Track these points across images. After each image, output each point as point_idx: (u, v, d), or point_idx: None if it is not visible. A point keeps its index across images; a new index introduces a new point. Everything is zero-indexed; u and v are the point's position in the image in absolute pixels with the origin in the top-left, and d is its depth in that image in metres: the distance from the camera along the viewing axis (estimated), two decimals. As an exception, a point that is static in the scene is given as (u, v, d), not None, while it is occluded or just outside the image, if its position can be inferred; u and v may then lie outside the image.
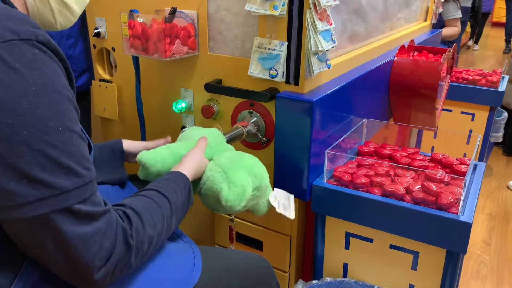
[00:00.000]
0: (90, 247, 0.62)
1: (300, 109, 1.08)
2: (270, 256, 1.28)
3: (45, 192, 0.58)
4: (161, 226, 0.77)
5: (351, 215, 1.12)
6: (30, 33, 0.58)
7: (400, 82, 1.63)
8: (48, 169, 0.58)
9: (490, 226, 2.38)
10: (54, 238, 0.60)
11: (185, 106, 1.28)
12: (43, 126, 0.57)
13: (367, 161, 1.22)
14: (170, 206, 0.80)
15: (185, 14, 1.19)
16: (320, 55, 1.09)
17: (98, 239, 0.63)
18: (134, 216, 0.71)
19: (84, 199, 0.62)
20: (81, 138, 0.63)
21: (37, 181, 0.57)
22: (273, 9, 1.02)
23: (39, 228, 0.59)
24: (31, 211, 0.58)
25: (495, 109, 2.25)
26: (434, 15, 2.40)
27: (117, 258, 0.66)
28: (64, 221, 0.60)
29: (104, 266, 0.65)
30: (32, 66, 0.57)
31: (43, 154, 0.57)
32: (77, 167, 0.61)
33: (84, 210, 0.62)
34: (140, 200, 0.77)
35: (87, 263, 0.63)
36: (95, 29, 1.42)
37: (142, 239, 0.71)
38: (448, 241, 1.01)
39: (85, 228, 0.62)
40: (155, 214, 0.76)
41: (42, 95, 0.57)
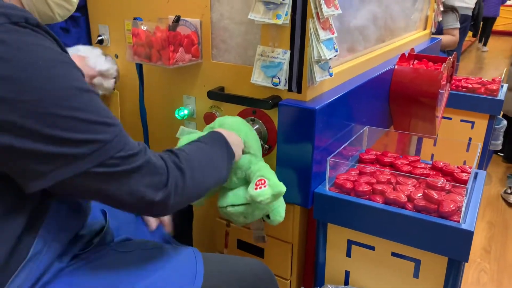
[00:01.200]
0: (143, 175, 0.69)
1: (302, 117, 1.09)
2: (271, 263, 1.28)
3: (91, 148, 0.63)
4: (207, 160, 0.84)
5: (353, 223, 1.12)
6: (20, 16, 0.62)
7: (400, 90, 1.64)
8: (85, 130, 0.63)
9: (490, 234, 2.38)
10: (111, 181, 0.67)
11: (187, 113, 1.29)
12: (64, 94, 0.62)
13: (368, 169, 1.22)
14: (210, 148, 0.88)
15: (188, 22, 1.20)
16: (323, 63, 1.10)
17: (149, 167, 0.70)
18: (179, 151, 0.80)
19: (124, 145, 0.67)
20: (95, 93, 0.68)
21: (80, 141, 0.62)
22: (276, 18, 1.03)
23: (95, 178, 0.65)
24: (83, 166, 0.63)
25: (494, 117, 2.26)
26: (433, 24, 2.42)
27: (174, 179, 0.73)
28: (114, 166, 0.66)
29: (165, 187, 0.72)
30: (33, 43, 0.61)
31: (73, 119, 0.62)
32: (107, 119, 0.66)
33: (127, 154, 0.67)
34: (181, 145, 0.85)
35: (147, 187, 0.70)
36: (98, 36, 1.43)
37: (192, 164, 0.78)
38: (449, 249, 1.01)
39: (135, 163, 0.68)
40: (198, 151, 0.84)
41: (51, 67, 0.61)
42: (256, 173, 1.03)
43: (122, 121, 1.48)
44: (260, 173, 1.02)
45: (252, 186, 1.00)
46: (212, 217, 1.39)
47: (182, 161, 0.77)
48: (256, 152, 1.09)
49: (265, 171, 1.03)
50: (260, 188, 0.99)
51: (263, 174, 1.01)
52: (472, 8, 4.01)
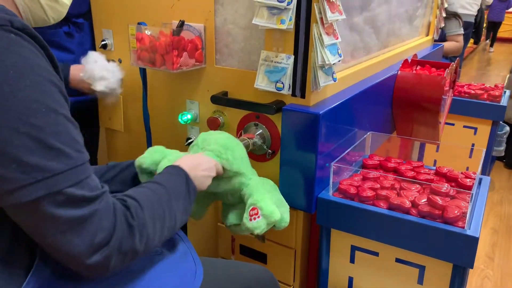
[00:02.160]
0: (86, 228, 0.61)
1: (306, 122, 1.08)
2: (274, 269, 1.27)
3: (36, 176, 0.57)
4: (162, 210, 0.75)
5: (356, 228, 1.11)
6: (4, 20, 0.59)
7: (403, 96, 1.64)
8: (37, 152, 0.57)
9: (493, 241, 2.37)
10: (50, 222, 0.59)
11: (191, 118, 1.29)
12: (26, 108, 0.57)
13: (372, 174, 1.22)
14: (166, 191, 0.78)
15: (192, 27, 1.20)
16: (326, 68, 1.10)
17: (95, 220, 0.62)
18: (131, 200, 0.71)
19: (78, 182, 0.61)
20: (69, 121, 0.62)
21: (27, 165, 0.56)
22: (281, 23, 1.03)
23: (33, 213, 0.59)
24: (24, 196, 0.57)
25: (497, 123, 2.26)
26: (436, 30, 2.43)
27: (119, 239, 0.65)
28: (59, 205, 0.59)
29: (105, 248, 0.63)
30: (8, 50, 0.57)
31: (30, 137, 0.57)
32: (67, 148, 0.60)
33: (79, 194, 0.60)
34: (135, 189, 0.76)
35: (86, 244, 0.62)
36: (102, 40, 1.43)
37: (143, 220, 0.69)
38: (454, 255, 1.00)
39: (82, 211, 0.61)
40: (152, 198, 0.75)
41: (22, 77, 0.57)
42: (249, 198, 0.99)
43: (125, 126, 1.49)
44: (252, 200, 0.98)
45: (247, 217, 0.98)
46: (214, 222, 1.38)
47: (134, 217, 0.68)
48: (245, 169, 1.03)
49: (256, 196, 0.99)
50: (255, 219, 0.96)
51: (255, 202, 0.98)
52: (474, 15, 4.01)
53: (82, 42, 1.46)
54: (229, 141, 1.02)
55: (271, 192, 1.08)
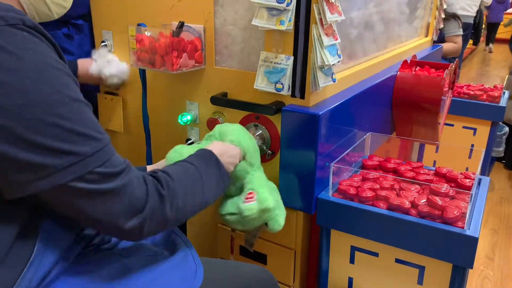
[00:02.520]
0: (121, 197, 0.67)
1: (305, 122, 1.09)
2: (274, 270, 1.27)
3: (69, 160, 0.62)
4: (192, 185, 0.80)
5: (356, 229, 1.12)
6: (17, 19, 0.61)
7: (402, 96, 1.64)
8: (67, 139, 0.62)
9: (493, 241, 2.37)
10: (86, 197, 0.65)
11: (190, 119, 1.29)
12: (50, 101, 0.61)
13: (372, 175, 1.22)
14: (197, 169, 0.84)
15: (192, 28, 1.21)
16: (326, 69, 1.10)
17: (127, 189, 0.68)
18: (162, 173, 0.77)
19: (105, 161, 0.66)
20: (87, 105, 0.67)
21: (60, 151, 0.61)
22: (280, 24, 1.04)
23: (70, 192, 0.64)
24: (60, 178, 0.62)
25: (496, 124, 2.26)
26: (435, 31, 2.43)
27: (151, 207, 0.70)
28: (91, 182, 0.64)
29: (140, 214, 0.69)
30: (26, 47, 0.60)
31: (58, 126, 0.61)
32: (93, 132, 0.65)
33: (108, 171, 0.66)
34: (167, 166, 0.82)
35: (124, 211, 0.67)
36: (101, 42, 1.43)
37: (173, 191, 0.75)
38: (454, 255, 1.00)
39: (113, 183, 0.66)
40: (183, 174, 0.80)
41: (42, 72, 0.61)
42: (248, 185, 1.02)
43: (124, 126, 1.49)
44: (251, 185, 1.01)
45: (242, 198, 1.00)
46: (214, 223, 1.39)
47: (164, 187, 0.74)
48: (254, 161, 1.07)
49: (256, 184, 1.01)
50: (249, 202, 0.98)
51: (254, 187, 1.00)
52: (473, 16, 4.02)
53: (81, 44, 1.46)
54: (243, 133, 1.08)
55: (272, 191, 1.08)
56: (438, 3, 2.36)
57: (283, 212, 1.09)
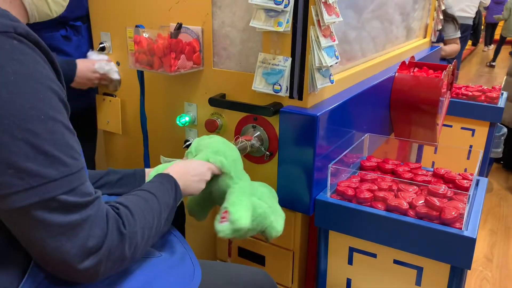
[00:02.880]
0: (78, 234, 0.62)
1: (303, 124, 1.09)
2: (272, 271, 1.27)
3: (31, 182, 0.58)
4: (152, 219, 0.76)
5: (354, 230, 1.12)
6: (8, 26, 0.59)
7: (401, 97, 1.65)
8: (33, 158, 0.57)
9: (492, 242, 2.37)
10: (42, 228, 0.60)
11: (188, 120, 1.29)
12: (24, 114, 0.57)
13: (370, 176, 1.22)
14: (157, 200, 0.80)
15: (190, 30, 1.21)
16: (324, 70, 1.10)
17: (87, 226, 0.63)
18: (123, 209, 0.72)
19: (72, 189, 0.61)
20: (67, 129, 0.63)
21: (22, 170, 0.57)
22: (278, 26, 1.04)
23: (26, 218, 0.59)
24: (17, 201, 0.58)
25: (495, 125, 2.27)
26: (433, 33, 2.44)
27: (109, 246, 0.65)
28: (51, 210, 0.59)
29: (96, 254, 0.64)
30: (10, 57, 0.58)
31: (26, 143, 0.57)
32: (63, 156, 0.60)
33: (72, 201, 0.61)
34: (128, 197, 0.77)
35: (77, 249, 0.62)
36: (100, 43, 1.43)
37: (134, 228, 0.71)
38: (452, 256, 1.01)
39: (73, 216, 0.61)
40: (143, 207, 0.76)
41: (21, 84, 0.58)
42: (225, 201, 0.99)
43: (123, 128, 1.49)
44: (226, 203, 0.98)
45: (218, 218, 0.97)
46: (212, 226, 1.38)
47: (126, 226, 0.69)
48: (234, 173, 1.02)
49: (232, 200, 0.97)
50: (222, 222, 0.95)
51: (227, 206, 0.97)
52: (472, 17, 4.03)
53: (79, 45, 1.46)
54: (220, 145, 1.03)
55: (262, 199, 1.03)
56: (436, 5, 2.36)
57: (280, 217, 1.06)
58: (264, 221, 1.01)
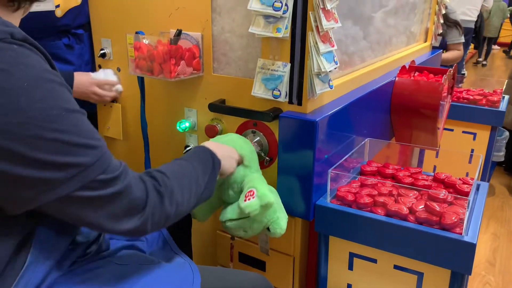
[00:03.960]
0: (123, 199, 0.69)
1: (303, 129, 1.09)
2: (273, 277, 1.27)
3: (72, 172, 0.63)
4: (188, 182, 0.83)
5: (354, 235, 1.11)
6: (5, 32, 0.61)
7: (401, 102, 1.65)
8: (68, 152, 0.62)
9: (494, 246, 2.36)
10: (90, 204, 0.66)
11: (189, 126, 1.30)
12: (47, 116, 0.61)
13: (370, 181, 1.22)
14: (192, 166, 0.86)
15: (190, 36, 1.21)
16: (323, 76, 1.10)
17: (128, 191, 0.70)
18: (157, 173, 0.78)
19: (105, 168, 0.67)
20: (82, 114, 0.67)
21: (62, 165, 0.62)
22: (277, 32, 1.04)
23: (74, 201, 0.65)
24: (64, 190, 0.63)
25: (496, 129, 2.26)
26: (434, 37, 2.44)
27: (152, 205, 0.73)
28: (94, 189, 0.66)
29: (142, 212, 0.71)
30: (16, 62, 0.60)
31: (57, 141, 0.61)
32: (91, 141, 0.66)
33: (109, 177, 0.67)
34: (162, 165, 0.84)
35: (125, 213, 0.70)
36: (100, 50, 1.44)
37: (171, 188, 0.77)
38: (452, 261, 1.00)
39: (114, 188, 0.68)
40: (178, 171, 0.82)
41: (35, 88, 0.60)
42: (247, 184, 1.02)
43: (123, 133, 1.49)
44: (251, 184, 1.01)
45: (242, 197, 1.00)
46: (213, 230, 1.38)
47: (162, 185, 0.76)
48: (251, 164, 1.08)
49: (256, 182, 1.02)
50: (249, 199, 0.98)
51: (253, 185, 1.00)
52: (474, 21, 4.03)
53: (82, 54, 1.47)
54: (238, 137, 1.11)
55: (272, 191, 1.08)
56: (437, 9, 2.36)
57: (284, 216, 1.08)
58: (274, 214, 1.04)
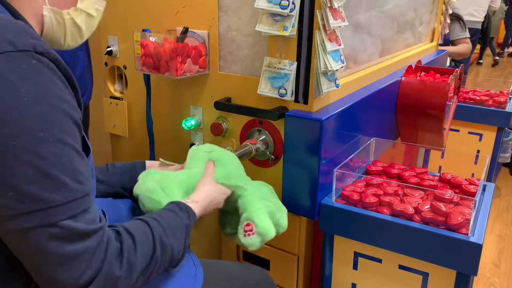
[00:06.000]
0: (77, 265, 0.60)
1: (309, 128, 1.09)
2: (277, 275, 1.27)
3: (31, 206, 0.56)
4: (153, 246, 0.71)
5: (359, 235, 1.11)
6: (28, 44, 0.58)
7: (407, 102, 1.64)
8: (36, 181, 0.56)
9: (499, 248, 2.35)
10: (40, 253, 0.58)
11: (194, 124, 1.30)
12: (32, 136, 0.55)
13: (375, 180, 1.22)
14: (163, 228, 0.75)
15: (196, 34, 1.22)
16: (329, 74, 1.10)
17: (87, 257, 0.60)
18: (127, 237, 0.68)
19: (75, 215, 0.59)
20: (75, 152, 0.61)
21: (24, 194, 0.55)
22: (283, 30, 1.04)
23: (25, 241, 0.57)
24: (16, 224, 0.56)
25: (502, 130, 2.25)
26: (440, 36, 2.43)
27: (105, 276, 0.62)
28: (51, 237, 0.57)
29: (92, 284, 0.62)
30: (26, 77, 0.56)
31: (31, 166, 0.55)
32: (68, 180, 0.58)
33: (74, 227, 0.59)
34: (134, 222, 0.74)
35: (73, 281, 0.60)
36: (107, 47, 1.45)
37: (134, 259, 0.67)
38: (458, 262, 1.00)
39: (74, 246, 0.59)
40: (146, 236, 0.71)
41: (33, 105, 0.56)
42: (243, 214, 0.98)
43: (129, 131, 1.50)
44: (246, 215, 0.97)
45: (241, 232, 0.96)
46: (218, 228, 1.38)
47: (123, 262, 0.65)
48: (241, 182, 1.02)
49: (251, 210, 0.97)
50: (249, 235, 0.95)
51: (249, 217, 0.96)
52: (481, 21, 4.00)
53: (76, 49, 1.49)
54: (224, 153, 1.03)
55: (267, 199, 1.04)
56: (443, 8, 2.35)
57: (284, 213, 1.06)
58: (273, 218, 1.02)
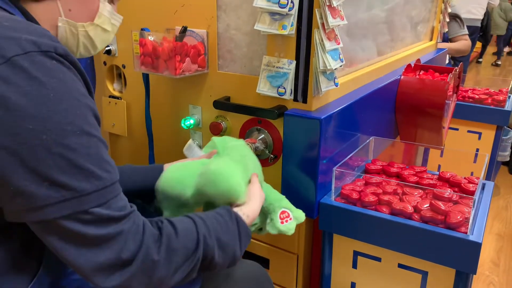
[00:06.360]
0: (112, 246, 0.63)
1: (308, 126, 1.09)
2: (276, 274, 1.27)
3: (65, 195, 0.59)
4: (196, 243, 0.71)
5: (359, 234, 1.11)
6: (50, 46, 0.61)
7: (406, 100, 1.64)
8: (68, 172, 0.59)
9: (499, 246, 2.35)
10: (76, 239, 0.61)
11: (193, 123, 1.30)
12: (61, 130, 0.59)
13: (374, 179, 1.22)
14: (208, 230, 0.74)
15: (195, 33, 1.21)
16: (328, 73, 1.10)
17: (121, 239, 0.63)
18: (167, 225, 0.70)
19: (105, 202, 0.62)
20: (101, 142, 0.64)
21: (57, 184, 0.59)
22: (282, 29, 1.04)
23: (60, 229, 0.61)
24: (52, 213, 0.59)
25: (502, 128, 2.25)
26: (439, 35, 2.43)
27: (142, 259, 0.65)
28: (84, 223, 0.61)
29: (128, 267, 0.64)
30: (51, 75, 0.60)
31: (62, 157, 0.59)
32: (97, 169, 0.62)
33: (105, 213, 0.62)
34: (180, 217, 0.75)
35: (110, 262, 0.63)
36: (106, 46, 1.44)
37: (174, 246, 0.68)
38: (457, 261, 1.00)
39: (107, 229, 0.62)
40: (191, 231, 0.72)
41: (60, 101, 0.60)
42: (276, 203, 1.01)
43: (128, 130, 1.50)
44: (279, 204, 1.00)
45: (277, 220, 0.98)
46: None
47: (163, 241, 0.67)
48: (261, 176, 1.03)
49: (279, 200, 1.01)
50: (287, 221, 0.99)
51: (285, 205, 1.00)
52: (480, 19, 3.99)
53: None
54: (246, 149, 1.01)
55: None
56: (442, 7, 2.35)
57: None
58: None
